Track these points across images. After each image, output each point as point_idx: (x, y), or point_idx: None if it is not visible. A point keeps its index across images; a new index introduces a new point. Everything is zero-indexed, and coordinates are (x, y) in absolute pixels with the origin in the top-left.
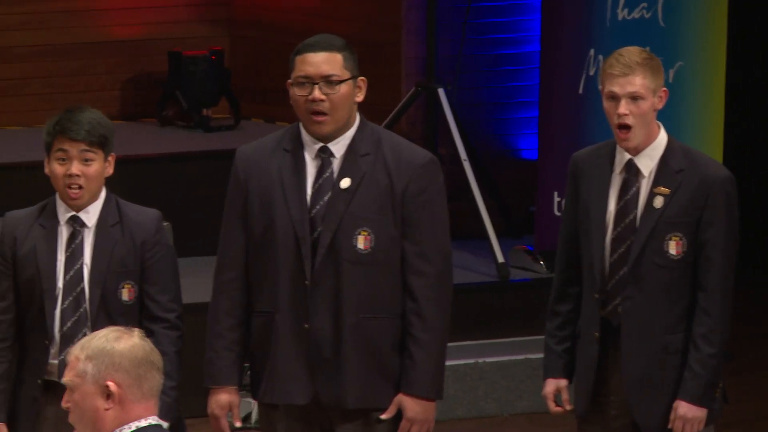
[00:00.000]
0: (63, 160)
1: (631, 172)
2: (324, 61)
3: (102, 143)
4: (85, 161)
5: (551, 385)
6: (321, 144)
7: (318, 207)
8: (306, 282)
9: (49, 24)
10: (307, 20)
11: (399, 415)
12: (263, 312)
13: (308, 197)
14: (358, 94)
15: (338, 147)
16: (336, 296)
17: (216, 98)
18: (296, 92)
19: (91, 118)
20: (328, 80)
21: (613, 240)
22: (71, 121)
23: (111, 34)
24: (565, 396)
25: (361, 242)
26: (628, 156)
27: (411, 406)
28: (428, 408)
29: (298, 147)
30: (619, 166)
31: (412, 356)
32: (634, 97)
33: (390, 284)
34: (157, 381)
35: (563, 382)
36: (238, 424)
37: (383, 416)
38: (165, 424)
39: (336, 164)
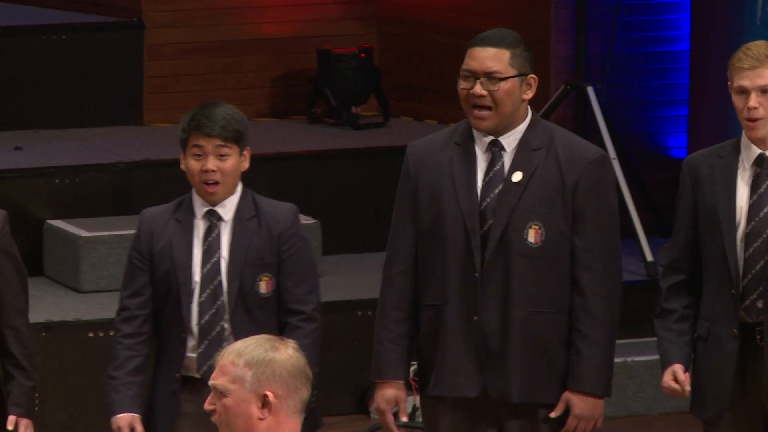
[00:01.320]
0: (198, 156)
1: (763, 165)
2: (489, 57)
3: (237, 138)
4: (221, 156)
5: (669, 372)
6: (491, 137)
7: (488, 200)
8: (476, 274)
9: (199, 21)
10: (457, 17)
11: (565, 411)
12: (431, 305)
13: (478, 190)
14: (527, 92)
15: (509, 141)
16: (505, 289)
17: (365, 96)
18: (460, 85)
19: (225, 114)
20: (490, 76)
21: (747, 235)
22: (206, 117)
23: (261, 32)
24: (681, 377)
25: (532, 236)
26: (758, 150)
27: (578, 403)
28: (596, 405)
29: (469, 140)
30: (747, 161)
31: (579, 352)
32: (764, 90)
33: (558, 279)
34: (305, 395)
35: (679, 367)
36: (404, 419)
37: (552, 414)
38: None
39: (507, 158)
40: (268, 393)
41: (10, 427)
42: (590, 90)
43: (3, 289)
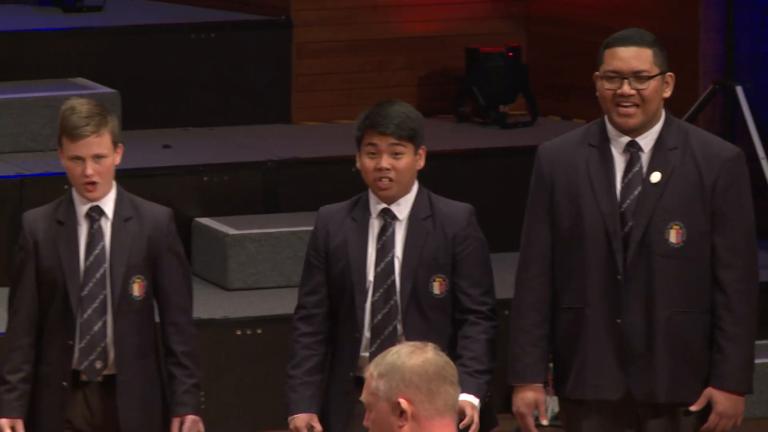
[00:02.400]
0: (373, 154)
1: None
2: (634, 56)
3: (411, 137)
4: (395, 155)
5: None
6: (628, 138)
7: (628, 201)
8: (618, 277)
9: (347, 20)
10: (605, 16)
11: (705, 408)
12: (570, 308)
13: (617, 192)
14: (666, 90)
15: (646, 141)
16: (648, 291)
17: (513, 95)
18: (605, 86)
19: (400, 112)
20: (638, 76)
21: None
22: (380, 115)
23: (409, 30)
24: None
25: (673, 236)
26: None
27: (721, 400)
28: (738, 402)
29: (605, 141)
30: None
31: (722, 350)
32: None
33: (700, 278)
34: (451, 395)
35: None
36: (544, 422)
37: (693, 408)
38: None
39: (645, 158)
40: (401, 400)
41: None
42: (739, 89)
43: (168, 286)
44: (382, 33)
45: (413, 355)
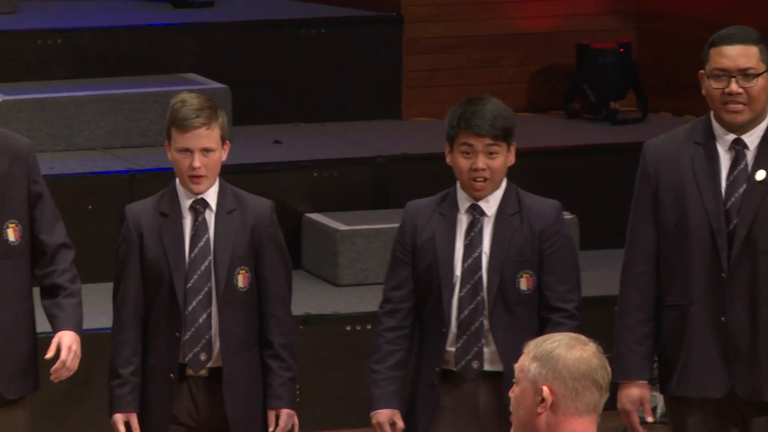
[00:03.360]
0: (468, 153)
1: None
2: (741, 54)
3: (505, 136)
4: (490, 154)
5: None
6: (734, 136)
7: (733, 199)
8: (722, 275)
9: (458, 16)
10: (717, 12)
11: None
12: (675, 305)
13: (722, 189)
14: None
15: (752, 139)
16: (753, 289)
17: (623, 91)
18: (711, 84)
19: (494, 111)
20: (745, 73)
21: None
22: (475, 115)
23: (519, 27)
24: None
25: None
26: None
27: None
28: None
29: (710, 139)
30: None
31: None
32: None
33: None
34: (595, 398)
35: None
36: (649, 419)
37: None
38: None
39: (750, 156)
40: (545, 388)
41: (270, 428)
42: None
43: (269, 276)
44: (492, 29)
45: (572, 349)
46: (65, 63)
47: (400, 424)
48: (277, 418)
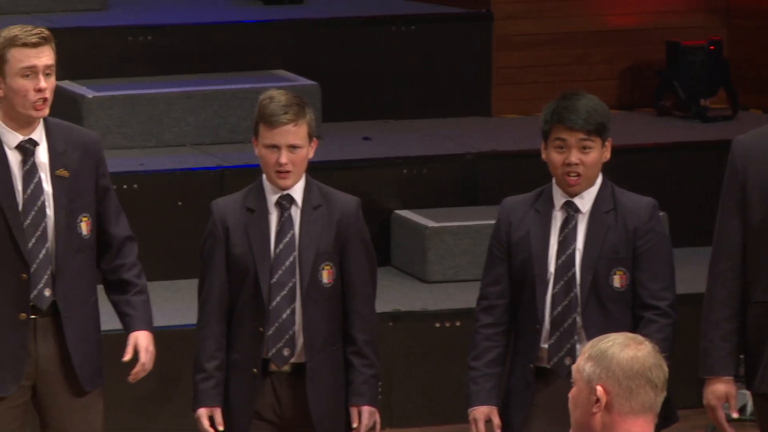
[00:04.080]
0: (561, 148)
1: None
2: None
3: (599, 131)
4: (583, 149)
5: None
6: None
7: None
8: None
9: (548, 13)
10: None
11: None
12: (761, 302)
13: None
14: None
15: None
16: None
17: (714, 89)
18: None
19: (588, 106)
20: None
21: None
22: (569, 110)
23: (608, 24)
24: None
25: None
26: None
27: None
28: None
29: None
30: None
31: None
32: None
33: None
34: (650, 398)
35: None
36: (735, 415)
37: None
38: None
39: None
40: (599, 388)
41: (354, 424)
42: None
43: (353, 272)
44: (582, 26)
45: (626, 349)
46: (154, 60)
47: (496, 421)
48: (360, 415)
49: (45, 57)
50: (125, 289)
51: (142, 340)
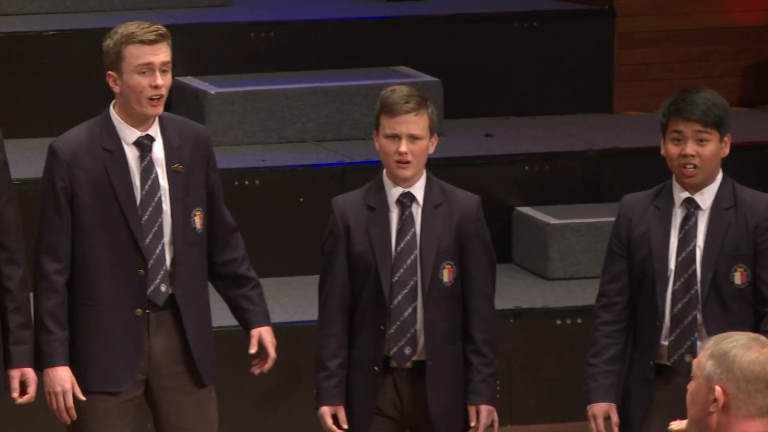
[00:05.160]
0: (678, 140)
1: None
2: None
3: (717, 123)
4: (700, 141)
5: None
6: None
7: None
8: None
9: (671, 9)
10: None
11: None
12: None
13: None
14: None
15: None
16: None
17: None
18: None
19: (706, 99)
20: None
21: None
22: (686, 101)
23: (732, 21)
24: None
25: None
26: None
27: None
28: None
29: None
30: None
31: None
32: None
33: None
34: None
35: None
36: None
37: None
38: None
39: None
40: (717, 388)
41: (472, 423)
42: None
43: (473, 272)
44: (705, 23)
45: (749, 351)
46: (277, 56)
47: (615, 418)
48: (478, 413)
49: (161, 54)
50: (241, 284)
51: (266, 336)
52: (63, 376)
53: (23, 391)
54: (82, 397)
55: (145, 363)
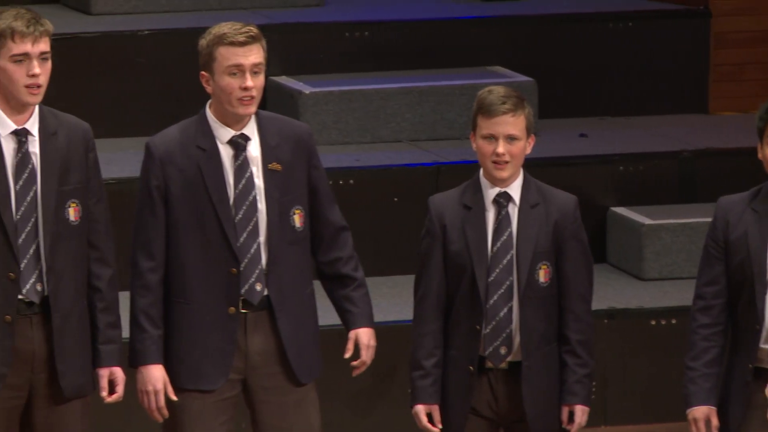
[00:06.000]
0: None
1: None
2: None
3: None
4: None
5: None
6: None
7: None
8: None
9: (766, 10)
10: None
11: None
12: None
13: None
14: None
15: None
16: None
17: None
18: None
19: None
20: None
21: None
22: None
23: None
24: None
25: None
26: None
27: None
28: None
29: None
30: None
31: None
32: None
33: None
34: None
35: None
36: None
37: None
38: None
39: None
40: None
41: (563, 425)
42: None
43: (570, 273)
44: None
45: None
46: (371, 56)
47: (715, 422)
48: (572, 414)
49: (253, 56)
50: (345, 284)
51: (363, 337)
52: (155, 375)
53: (112, 390)
54: (174, 397)
55: (241, 363)
